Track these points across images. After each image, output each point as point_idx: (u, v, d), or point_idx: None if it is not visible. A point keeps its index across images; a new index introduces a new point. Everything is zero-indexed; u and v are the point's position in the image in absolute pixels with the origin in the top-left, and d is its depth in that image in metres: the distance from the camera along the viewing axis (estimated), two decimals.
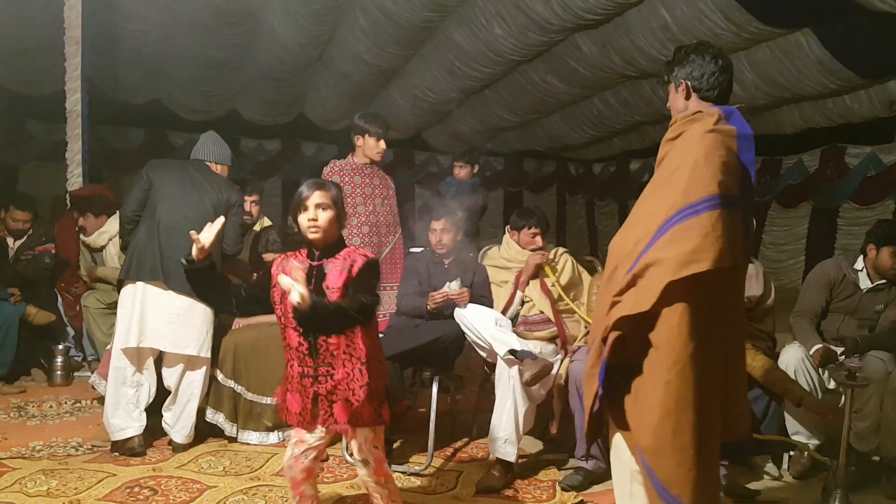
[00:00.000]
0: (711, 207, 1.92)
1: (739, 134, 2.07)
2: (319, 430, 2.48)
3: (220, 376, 3.83)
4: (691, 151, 2.02)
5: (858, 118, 7.15)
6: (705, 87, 2.22)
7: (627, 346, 1.99)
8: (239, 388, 3.83)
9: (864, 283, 3.72)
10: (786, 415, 3.55)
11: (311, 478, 2.56)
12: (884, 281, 3.67)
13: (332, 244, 2.45)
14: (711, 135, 2.03)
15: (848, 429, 3.10)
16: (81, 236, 5.12)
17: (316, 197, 2.41)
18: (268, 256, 4.04)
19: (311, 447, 2.51)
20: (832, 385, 3.58)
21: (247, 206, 4.53)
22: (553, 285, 3.83)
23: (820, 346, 3.56)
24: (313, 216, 2.39)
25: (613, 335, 2.00)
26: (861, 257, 3.75)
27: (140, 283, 3.59)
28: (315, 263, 2.43)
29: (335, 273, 2.39)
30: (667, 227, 1.96)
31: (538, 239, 3.98)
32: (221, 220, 2.47)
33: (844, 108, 6.96)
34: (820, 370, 3.56)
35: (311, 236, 2.41)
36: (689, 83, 2.24)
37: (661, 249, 1.95)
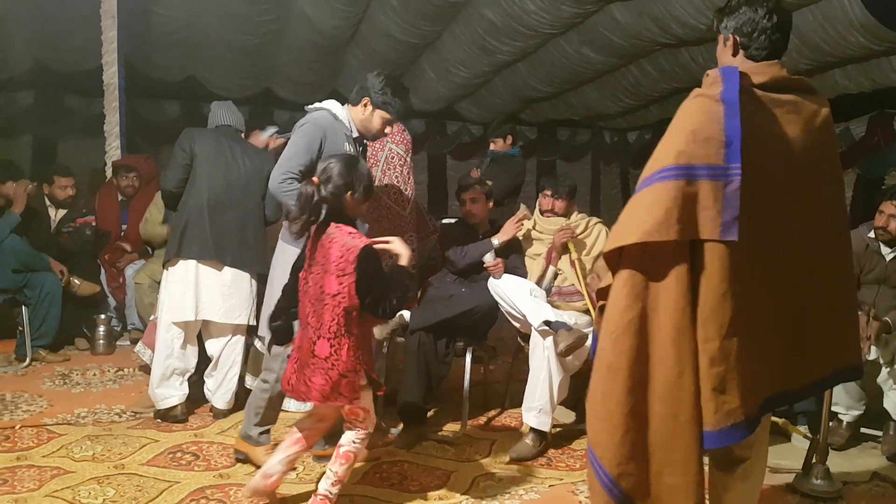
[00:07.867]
0: (662, 179, 1.81)
1: (723, 98, 1.81)
2: None
3: (258, 344, 3.87)
4: (673, 120, 1.89)
5: None
6: (754, 45, 1.96)
7: None
8: None
9: (885, 250, 3.65)
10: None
11: None
12: None
13: None
14: (696, 100, 1.86)
15: (829, 403, 3.05)
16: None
17: None
18: None
19: None
20: (872, 356, 3.52)
21: None
22: (577, 259, 3.79)
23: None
24: None
25: (599, 304, 2.02)
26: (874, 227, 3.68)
27: (191, 261, 3.60)
28: None
29: None
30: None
31: (558, 203, 3.94)
32: None
33: (891, 72, 6.73)
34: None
35: None
36: (738, 38, 1.98)
37: (616, 224, 1.92)
